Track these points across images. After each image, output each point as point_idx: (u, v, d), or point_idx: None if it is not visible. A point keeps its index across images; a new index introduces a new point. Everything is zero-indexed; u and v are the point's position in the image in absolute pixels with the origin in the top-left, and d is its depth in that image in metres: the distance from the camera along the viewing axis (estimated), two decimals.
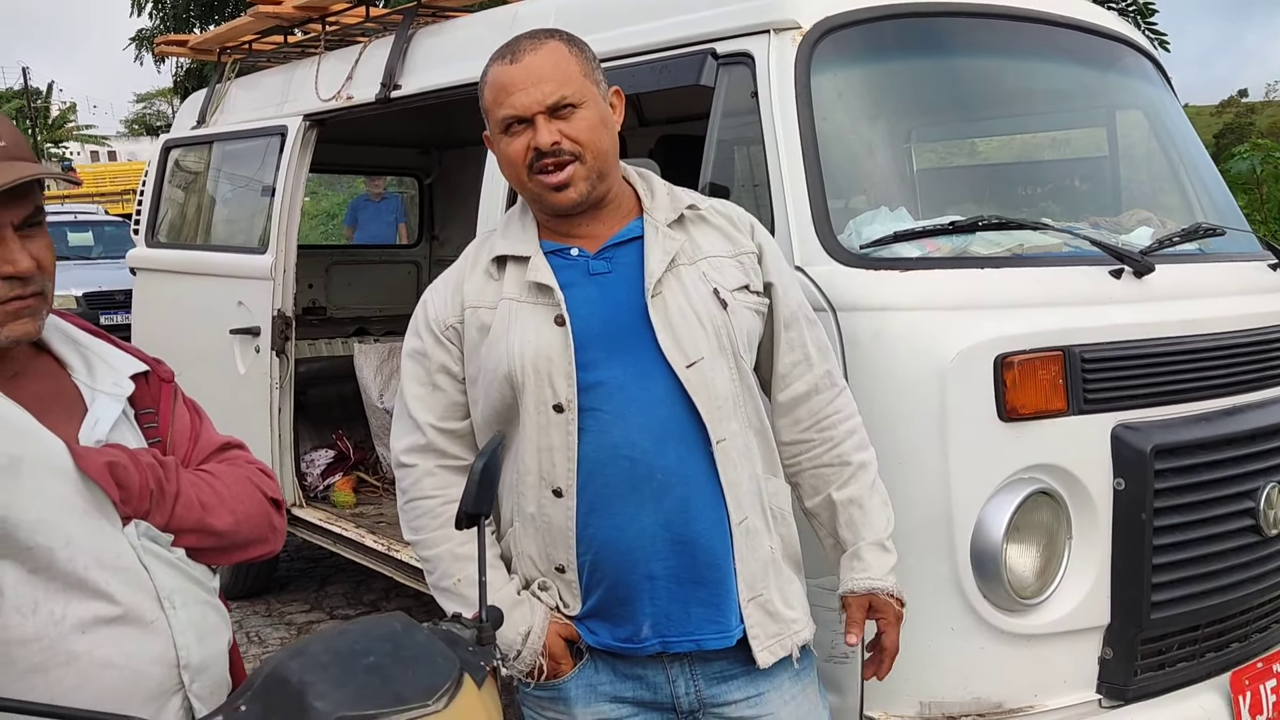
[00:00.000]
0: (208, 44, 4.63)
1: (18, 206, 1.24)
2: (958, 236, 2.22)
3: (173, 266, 4.51)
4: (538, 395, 1.64)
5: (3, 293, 1.24)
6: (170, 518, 1.32)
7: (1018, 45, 2.70)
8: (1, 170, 1.21)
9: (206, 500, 1.36)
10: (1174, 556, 2.16)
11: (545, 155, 1.63)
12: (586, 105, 1.65)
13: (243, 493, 1.42)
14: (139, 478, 1.29)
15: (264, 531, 1.45)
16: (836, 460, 1.78)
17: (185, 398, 1.51)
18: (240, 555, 1.43)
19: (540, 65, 1.64)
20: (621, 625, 1.68)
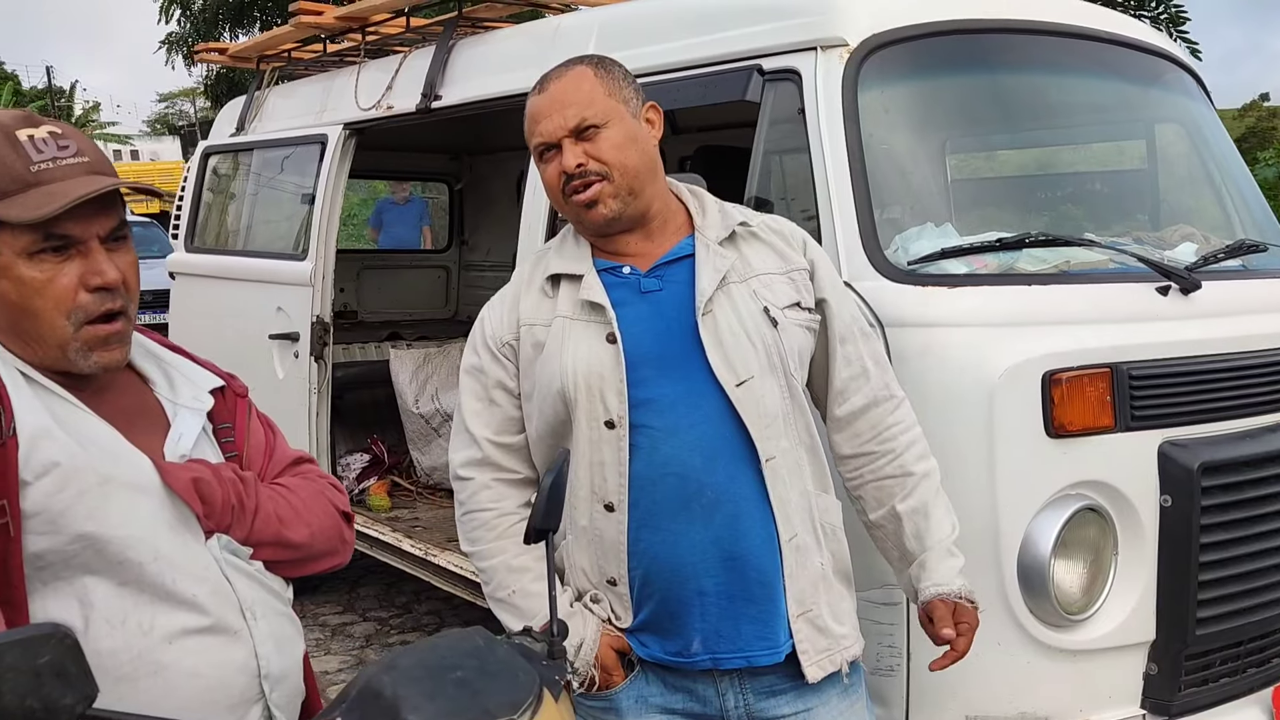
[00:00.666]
0: (247, 52, 4.68)
1: (104, 219, 1.26)
2: (1004, 253, 2.24)
3: (212, 271, 4.57)
4: (590, 411, 1.67)
5: (93, 307, 1.25)
6: (250, 531, 1.35)
7: (1060, 60, 2.71)
8: (87, 182, 1.24)
9: (284, 514, 1.40)
10: (1219, 573, 2.17)
11: (573, 177, 1.68)
12: (611, 125, 1.68)
13: (317, 507, 1.46)
14: (221, 493, 1.32)
15: (336, 544, 1.49)
16: (899, 471, 1.78)
17: (258, 412, 1.55)
18: (313, 567, 1.46)
19: (563, 91, 1.69)
20: (672, 639, 1.71)
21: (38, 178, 1.23)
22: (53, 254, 1.23)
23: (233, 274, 4.46)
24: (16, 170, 1.22)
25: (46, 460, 1.19)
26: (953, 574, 1.75)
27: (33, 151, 1.24)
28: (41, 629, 0.86)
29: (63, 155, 1.25)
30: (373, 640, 4.31)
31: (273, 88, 4.64)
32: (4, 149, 1.23)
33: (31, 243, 1.22)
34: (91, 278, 1.25)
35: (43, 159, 1.24)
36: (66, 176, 1.24)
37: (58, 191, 1.22)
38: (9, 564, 1.16)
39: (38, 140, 1.25)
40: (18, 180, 1.22)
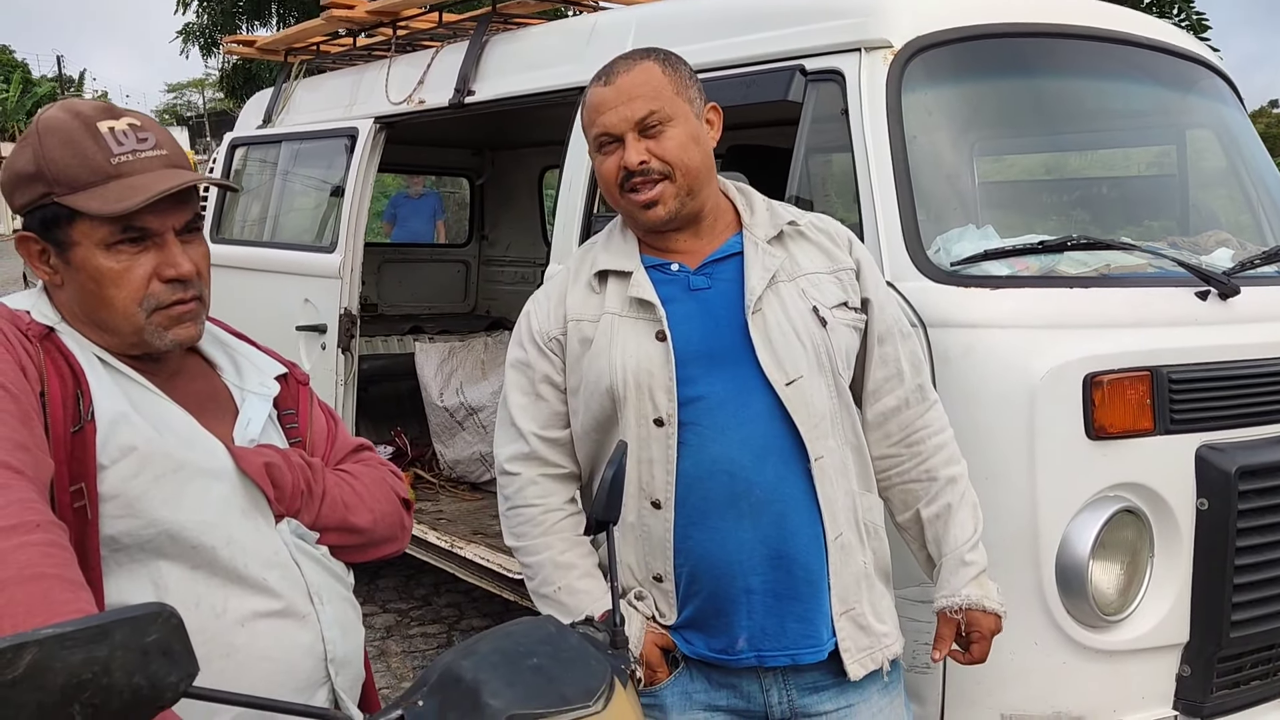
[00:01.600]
0: (275, 45, 4.70)
1: (180, 212, 1.28)
2: (1046, 256, 2.25)
3: (238, 263, 4.59)
4: (638, 409, 1.67)
5: (165, 296, 1.28)
6: (317, 516, 1.38)
7: (1097, 65, 2.73)
8: (166, 177, 1.26)
9: (349, 500, 1.42)
10: (1254, 576, 2.19)
11: (634, 174, 1.67)
12: (675, 123, 1.67)
13: (380, 493, 1.48)
14: (291, 477, 1.35)
15: (396, 530, 1.51)
16: (925, 476, 1.80)
17: (319, 400, 1.57)
18: (375, 553, 1.48)
19: (631, 84, 1.67)
20: (717, 637, 1.71)
21: (118, 170, 1.24)
22: (130, 245, 1.26)
23: (259, 265, 4.48)
24: (97, 162, 1.24)
25: (124, 444, 1.21)
26: (962, 583, 1.75)
27: (113, 143, 1.25)
28: (149, 608, 0.88)
29: (142, 148, 1.27)
30: (393, 632, 4.34)
31: (300, 80, 4.66)
32: (85, 140, 1.25)
33: (110, 234, 1.24)
34: (166, 269, 1.27)
35: (123, 151, 1.25)
36: (146, 169, 1.26)
37: (138, 185, 1.24)
38: (86, 546, 1.18)
39: (118, 132, 1.26)
40: (99, 172, 1.24)
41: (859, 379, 1.82)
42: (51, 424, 1.17)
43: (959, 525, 1.78)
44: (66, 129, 1.25)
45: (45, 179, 1.24)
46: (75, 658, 0.83)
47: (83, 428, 1.20)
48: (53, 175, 1.23)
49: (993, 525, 2.08)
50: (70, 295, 1.28)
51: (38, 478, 1.09)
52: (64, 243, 1.26)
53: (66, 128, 1.25)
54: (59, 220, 1.25)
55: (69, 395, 1.20)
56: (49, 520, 1.05)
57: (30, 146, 1.25)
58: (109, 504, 1.20)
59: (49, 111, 1.29)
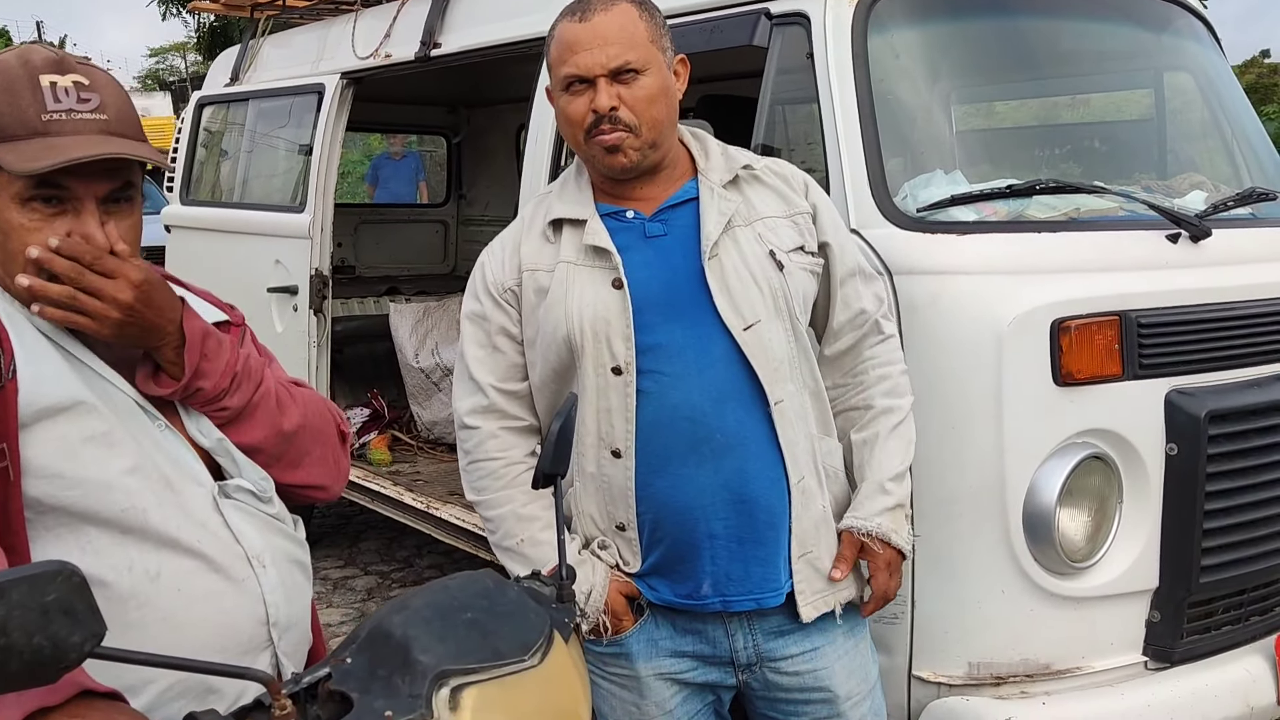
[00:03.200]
0: (241, 0, 4.60)
1: (105, 180, 1.22)
2: (1014, 200, 2.21)
3: (208, 225, 4.53)
4: (596, 358, 1.66)
5: None
6: (249, 403, 1.33)
7: (1071, 7, 2.67)
8: (92, 143, 1.20)
9: (283, 400, 1.39)
10: (1224, 521, 2.17)
11: (603, 119, 1.63)
12: (649, 72, 1.64)
13: (315, 408, 1.45)
14: (230, 357, 1.31)
15: (332, 453, 1.46)
16: (861, 404, 1.80)
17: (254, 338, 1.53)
18: (305, 473, 1.42)
19: (608, 26, 1.63)
20: (682, 583, 1.71)
21: (46, 127, 1.19)
22: (44, 204, 1.20)
23: (229, 227, 4.42)
24: (28, 116, 1.19)
25: (47, 404, 1.17)
26: (873, 510, 1.74)
27: (49, 99, 1.20)
28: (48, 566, 0.85)
29: (80, 109, 1.21)
30: (374, 594, 4.33)
31: (267, 37, 4.57)
32: (24, 91, 1.20)
33: (25, 189, 1.19)
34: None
35: (58, 109, 1.20)
36: (75, 132, 1.20)
37: (58, 146, 1.18)
38: (9, 509, 1.15)
39: (60, 89, 1.21)
40: (26, 126, 1.19)
41: (820, 321, 1.81)
42: None
43: (886, 454, 1.77)
44: (10, 76, 1.20)
45: None
46: None
47: (3, 387, 1.16)
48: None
49: (959, 473, 2.08)
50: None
51: None
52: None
53: (11, 75, 1.21)
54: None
55: None
56: None
57: None
58: (31, 465, 1.16)
59: (5, 54, 1.24)
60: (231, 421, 1.33)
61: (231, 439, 1.33)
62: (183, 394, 1.28)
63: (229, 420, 1.32)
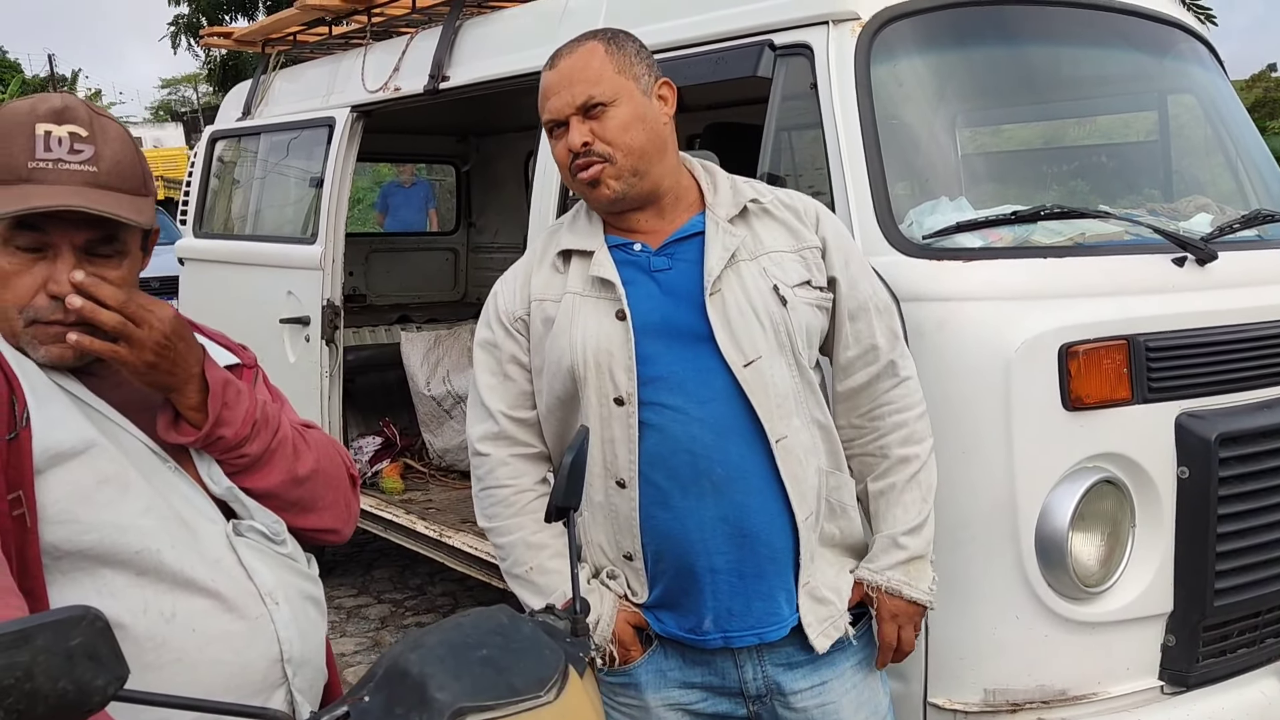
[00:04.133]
0: (252, 36, 4.66)
1: (85, 230, 1.23)
2: (1019, 226, 2.23)
3: (221, 257, 4.57)
4: (599, 388, 1.67)
5: (46, 312, 1.22)
6: (266, 449, 1.34)
7: (1073, 31, 2.69)
8: (71, 194, 1.20)
9: (299, 446, 1.40)
10: (1237, 544, 2.17)
11: (578, 155, 1.67)
12: (618, 103, 1.66)
13: (329, 453, 1.46)
14: (249, 405, 1.32)
15: (343, 497, 1.47)
16: (878, 451, 1.78)
17: (267, 380, 1.54)
18: (317, 518, 1.43)
19: (573, 68, 1.68)
20: (686, 616, 1.71)
21: (30, 174, 1.21)
22: (25, 251, 1.22)
23: (242, 258, 4.46)
24: (16, 162, 1.21)
25: (61, 450, 1.19)
26: (888, 564, 1.75)
27: (39, 147, 1.21)
28: (72, 611, 0.86)
29: (70, 160, 1.22)
30: (388, 622, 4.34)
31: (278, 72, 4.62)
32: (19, 137, 1.22)
33: (5, 232, 1.21)
34: (51, 285, 1.22)
35: (45, 158, 1.21)
36: (57, 181, 1.21)
37: (33, 194, 1.19)
38: (26, 554, 1.16)
39: (53, 138, 1.22)
40: (12, 172, 1.21)
41: (831, 356, 1.81)
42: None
43: (901, 507, 1.76)
44: (11, 121, 1.23)
45: None
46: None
47: (18, 434, 1.17)
48: None
49: (971, 499, 2.08)
50: None
51: None
52: None
53: (13, 120, 1.23)
54: None
55: (2, 402, 1.17)
56: None
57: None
58: (48, 511, 1.18)
59: (18, 101, 1.26)
60: (248, 469, 1.33)
61: (247, 486, 1.34)
62: (204, 442, 1.29)
63: (246, 468, 1.33)
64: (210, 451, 1.32)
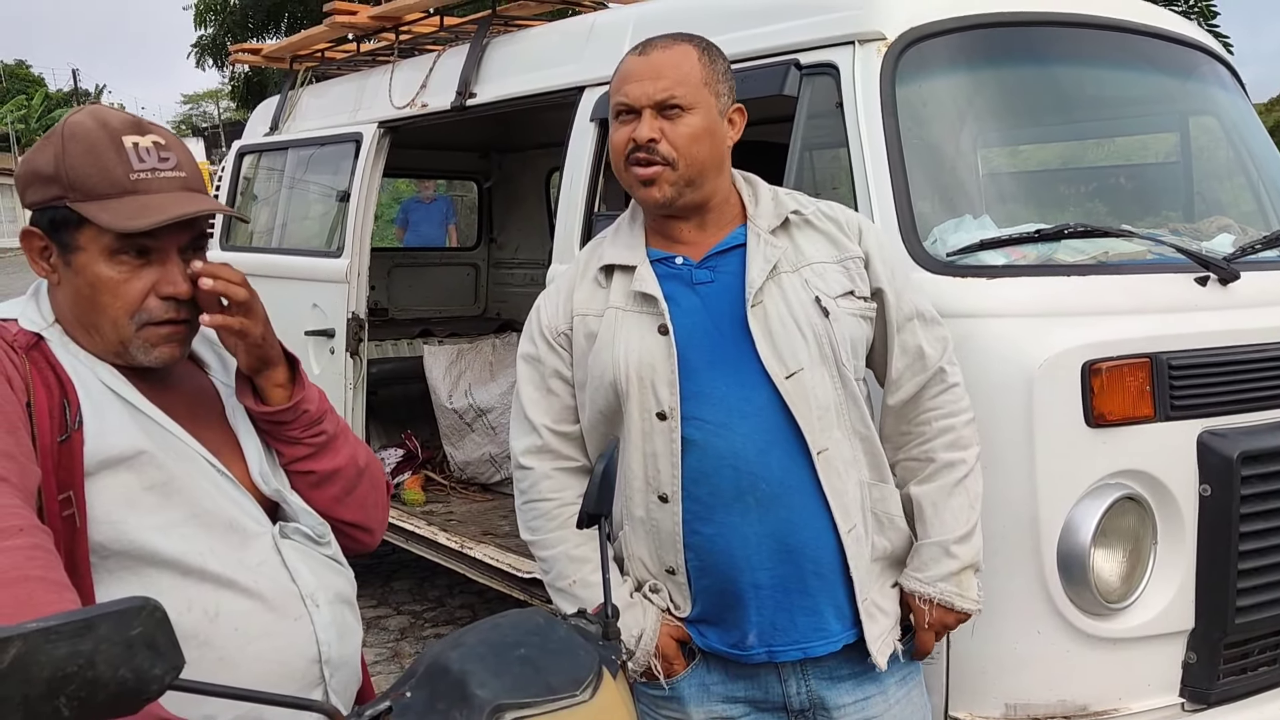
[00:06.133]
0: (280, 52, 4.74)
1: (187, 231, 1.30)
2: (1043, 244, 2.25)
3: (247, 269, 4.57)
4: (641, 402, 1.67)
5: (159, 312, 1.29)
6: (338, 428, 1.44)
7: (1095, 53, 2.72)
8: (180, 200, 1.28)
9: (353, 437, 1.49)
10: (1258, 562, 2.18)
11: (641, 149, 1.66)
12: (696, 111, 1.65)
13: (372, 454, 1.54)
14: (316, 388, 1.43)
15: (384, 498, 1.54)
16: (922, 455, 1.78)
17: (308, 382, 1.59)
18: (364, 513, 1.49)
19: (664, 61, 1.66)
20: (729, 631, 1.71)
21: (135, 186, 1.26)
22: (132, 256, 1.27)
23: (268, 271, 4.51)
24: (116, 175, 1.26)
25: (111, 454, 1.23)
26: (938, 575, 1.73)
27: (135, 159, 1.27)
28: (133, 602, 0.89)
29: (163, 167, 1.29)
30: (407, 634, 4.36)
31: (306, 88, 4.69)
32: (108, 152, 1.27)
33: (115, 244, 1.26)
34: (165, 286, 1.29)
35: (143, 168, 1.27)
36: (162, 189, 1.28)
37: (153, 204, 1.25)
38: (76, 554, 1.20)
39: (142, 149, 1.28)
40: (116, 185, 1.26)
41: (880, 369, 1.80)
42: (39, 433, 1.18)
43: (951, 513, 1.75)
44: (91, 137, 1.27)
45: (62, 182, 1.25)
46: (60, 651, 0.84)
47: (69, 437, 1.21)
48: (70, 180, 1.25)
49: (994, 514, 2.08)
50: (65, 296, 1.30)
51: (23, 485, 1.11)
52: (69, 245, 1.27)
53: (92, 136, 1.27)
54: (68, 224, 1.26)
55: (55, 405, 1.21)
56: (33, 524, 1.06)
57: (52, 148, 1.27)
58: (96, 512, 1.21)
59: (77, 116, 1.31)
60: (324, 447, 1.40)
61: (317, 467, 1.41)
62: (294, 414, 1.37)
63: (322, 446, 1.40)
64: (292, 428, 1.38)
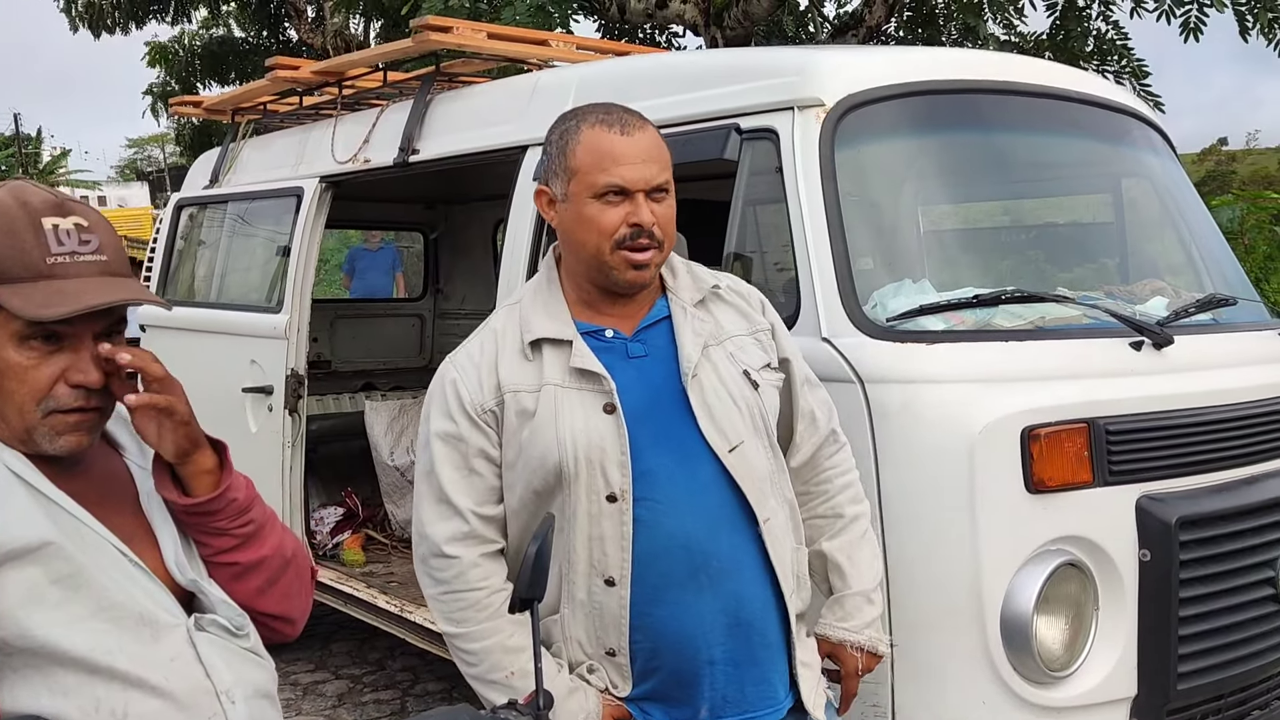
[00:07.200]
0: (221, 105, 4.68)
1: (103, 318, 1.24)
2: (981, 309, 2.26)
3: (184, 324, 4.53)
4: (590, 485, 1.63)
5: (67, 400, 1.23)
6: (265, 517, 1.37)
7: (1030, 120, 2.77)
8: (98, 287, 1.22)
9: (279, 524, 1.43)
10: (1199, 627, 2.18)
11: (640, 233, 1.64)
12: (671, 194, 1.69)
13: (298, 541, 1.47)
14: (246, 489, 1.35)
15: (309, 586, 1.48)
16: (830, 512, 1.85)
17: None
18: (287, 603, 1.43)
19: (648, 145, 1.67)
20: (680, 707, 1.69)
21: (51, 270, 1.21)
22: (43, 342, 1.22)
23: (206, 326, 4.42)
24: (33, 258, 1.21)
25: (17, 545, 1.16)
26: (863, 622, 1.82)
27: (53, 242, 1.22)
28: None
29: (83, 251, 1.24)
30: (345, 699, 4.23)
31: (247, 140, 4.64)
32: (26, 234, 1.21)
33: (25, 329, 1.21)
34: (74, 374, 1.23)
35: (62, 251, 1.22)
36: (80, 274, 1.22)
37: (68, 291, 1.20)
38: None
39: (62, 231, 1.23)
40: (31, 269, 1.21)
41: (784, 434, 1.84)
42: None
43: (865, 563, 1.84)
44: (9, 217, 1.22)
45: None
46: None
47: None
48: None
49: (937, 583, 2.08)
50: None
51: None
52: None
53: (10, 216, 1.22)
54: None
55: None
56: None
57: None
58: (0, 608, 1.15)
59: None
60: (251, 537, 1.34)
61: (241, 559, 1.34)
62: (221, 503, 1.30)
63: (249, 536, 1.34)
64: (219, 519, 1.31)
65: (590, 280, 1.72)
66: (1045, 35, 7.80)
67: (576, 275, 1.74)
